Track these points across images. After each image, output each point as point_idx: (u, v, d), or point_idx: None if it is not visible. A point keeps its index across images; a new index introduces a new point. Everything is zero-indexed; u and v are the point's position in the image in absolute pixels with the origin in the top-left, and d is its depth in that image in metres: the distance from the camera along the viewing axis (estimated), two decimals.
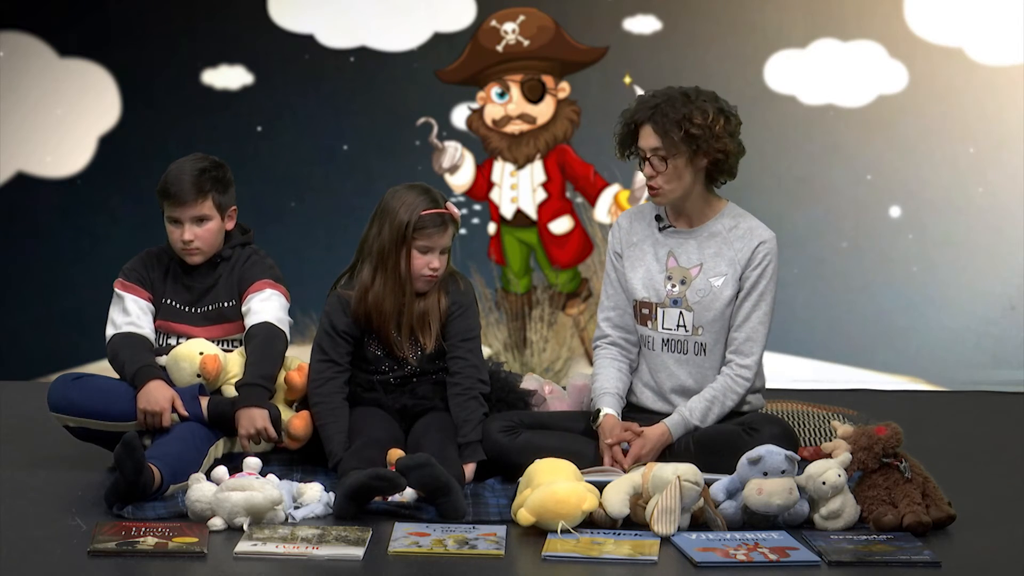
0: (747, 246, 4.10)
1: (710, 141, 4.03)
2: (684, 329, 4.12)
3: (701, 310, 4.10)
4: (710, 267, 4.11)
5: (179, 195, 4.25)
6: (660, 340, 4.16)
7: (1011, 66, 6.33)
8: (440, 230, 4.17)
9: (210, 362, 4.20)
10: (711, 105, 4.05)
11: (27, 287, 6.56)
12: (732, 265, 4.10)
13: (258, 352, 4.21)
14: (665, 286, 4.14)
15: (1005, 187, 6.33)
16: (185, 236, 4.27)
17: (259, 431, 4.10)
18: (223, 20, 6.56)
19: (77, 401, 4.18)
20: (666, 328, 4.14)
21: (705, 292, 4.10)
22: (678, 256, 4.14)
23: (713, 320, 4.10)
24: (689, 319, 4.11)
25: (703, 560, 3.41)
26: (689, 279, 4.11)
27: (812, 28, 6.40)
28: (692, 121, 4.01)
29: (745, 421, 4.04)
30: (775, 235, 4.14)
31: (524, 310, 6.51)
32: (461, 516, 3.76)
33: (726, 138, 4.05)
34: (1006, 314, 6.31)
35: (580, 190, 6.48)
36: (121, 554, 3.43)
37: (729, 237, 4.12)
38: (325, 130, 6.53)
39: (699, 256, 4.13)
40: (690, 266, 4.13)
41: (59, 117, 6.58)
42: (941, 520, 3.69)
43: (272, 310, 4.27)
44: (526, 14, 6.46)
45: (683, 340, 4.13)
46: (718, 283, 4.10)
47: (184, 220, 4.27)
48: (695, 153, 4.04)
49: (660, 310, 4.15)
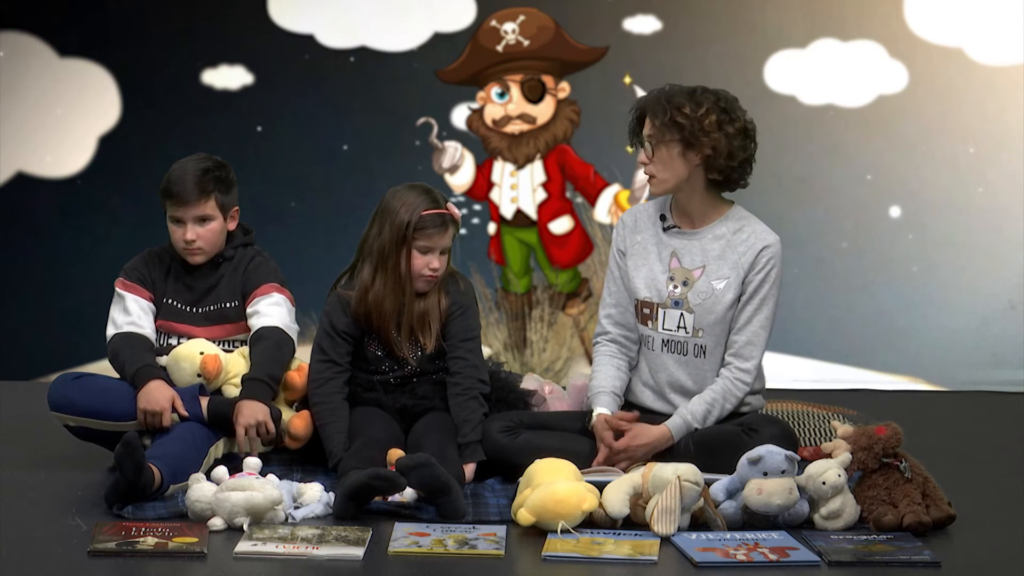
0: (751, 250, 4.09)
1: (697, 133, 4.02)
2: (684, 331, 4.12)
3: (702, 312, 4.10)
4: (713, 269, 4.11)
5: (182, 195, 4.25)
6: (660, 340, 4.16)
7: (1011, 66, 6.33)
8: (440, 230, 4.17)
9: (211, 362, 4.20)
10: (709, 101, 4.05)
11: (27, 287, 6.56)
12: (735, 269, 4.10)
13: (266, 354, 4.21)
14: (667, 287, 4.14)
15: (1005, 187, 6.33)
16: (188, 236, 4.26)
17: (259, 423, 4.09)
18: (223, 20, 6.56)
19: (77, 400, 4.18)
20: (666, 329, 4.14)
21: (707, 295, 4.09)
22: (681, 257, 4.14)
23: (714, 323, 4.10)
24: (690, 321, 4.11)
25: (703, 560, 3.41)
26: (692, 281, 4.11)
27: (812, 28, 6.40)
28: (680, 110, 4.03)
29: (744, 422, 4.04)
30: (779, 239, 4.14)
31: (524, 310, 6.51)
32: (461, 516, 3.76)
33: (716, 134, 4.03)
34: (1006, 314, 6.31)
35: (580, 190, 6.48)
36: (121, 554, 3.42)
37: (733, 240, 4.11)
38: (325, 130, 6.53)
39: (702, 258, 4.12)
40: (693, 268, 4.12)
41: (59, 117, 6.58)
42: (941, 520, 3.69)
43: (281, 315, 4.28)
44: (526, 14, 6.46)
45: (683, 341, 4.13)
46: (720, 286, 4.09)
47: (187, 220, 4.26)
48: (687, 146, 4.04)
49: (661, 311, 4.14)
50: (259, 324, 4.26)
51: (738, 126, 4.07)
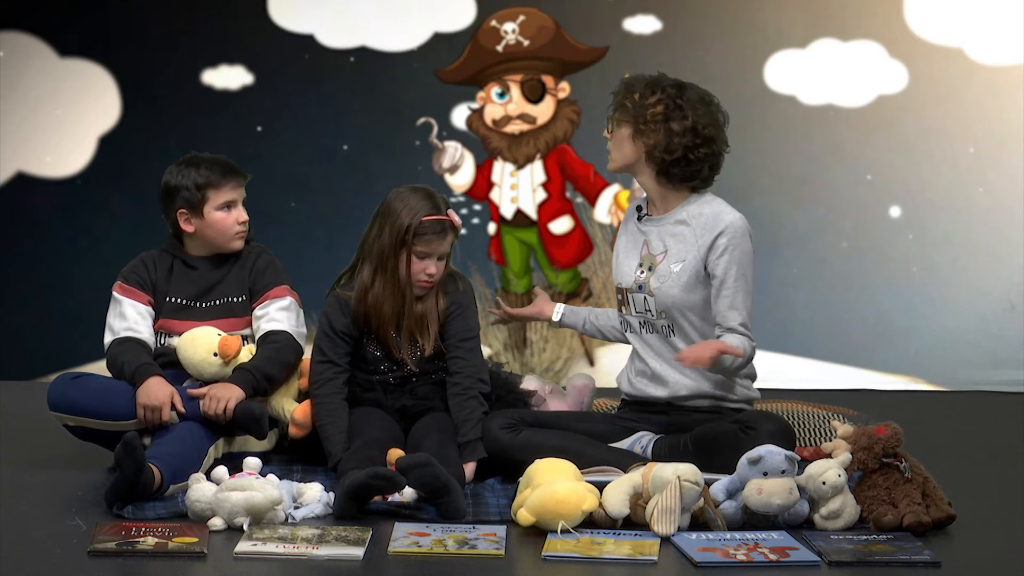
0: (708, 231, 4.12)
1: (638, 120, 4.11)
2: (651, 313, 4.18)
3: (660, 295, 4.15)
4: (673, 253, 4.17)
5: (233, 172, 4.30)
6: (637, 323, 4.23)
7: (1011, 66, 6.33)
8: (439, 237, 4.17)
9: (232, 341, 4.22)
10: (665, 94, 4.11)
11: (27, 287, 6.56)
12: (693, 249, 4.12)
13: (268, 353, 4.24)
14: (635, 272, 4.21)
15: (1005, 187, 6.33)
16: (243, 216, 4.31)
17: (223, 409, 4.09)
18: (223, 20, 6.56)
19: (77, 400, 4.18)
20: (637, 312, 4.21)
21: (665, 277, 4.15)
22: (651, 244, 4.21)
23: (672, 305, 4.14)
24: (652, 304, 4.17)
25: (703, 560, 3.41)
26: (655, 265, 4.17)
27: (812, 28, 6.40)
28: (631, 94, 4.15)
29: (742, 419, 4.04)
30: (742, 216, 4.14)
31: None
32: (461, 516, 3.76)
33: (656, 126, 4.08)
34: (1006, 314, 6.31)
35: (580, 190, 6.48)
36: (121, 554, 3.43)
37: (694, 224, 4.15)
38: (325, 130, 6.53)
39: (664, 244, 4.18)
40: (657, 253, 4.18)
41: (59, 117, 6.58)
42: (941, 520, 3.69)
43: (292, 321, 4.32)
44: (526, 14, 6.46)
45: (654, 322, 4.20)
46: (676, 268, 4.14)
47: (238, 200, 4.31)
48: (636, 132, 4.12)
49: (630, 295, 4.23)
50: (268, 328, 4.28)
51: (686, 124, 4.08)
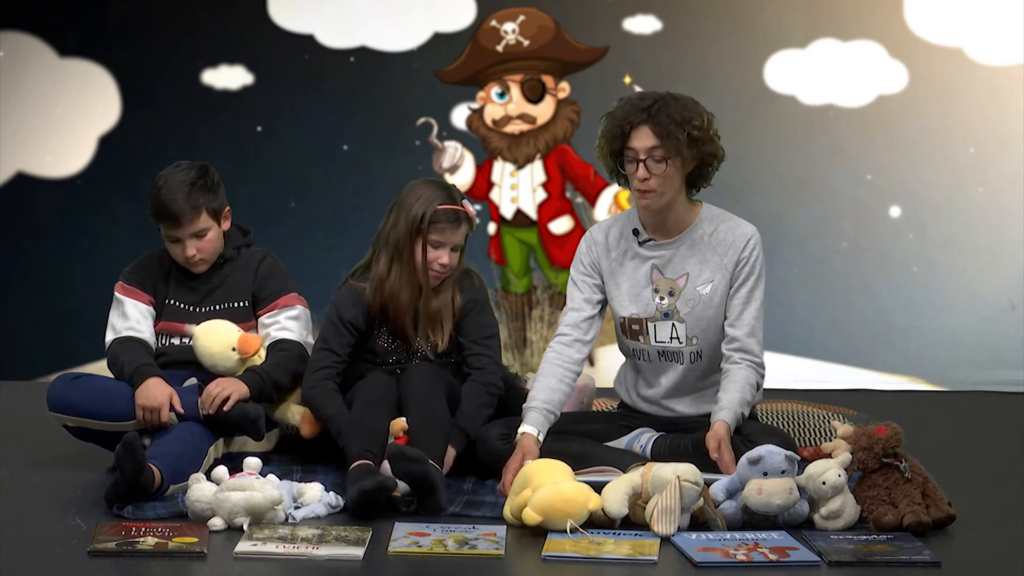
0: (732, 247, 4.07)
1: (706, 144, 4.00)
2: (678, 340, 4.10)
3: (693, 321, 4.07)
4: (696, 275, 4.08)
5: (176, 216, 4.22)
6: (656, 352, 4.14)
7: (1011, 66, 6.34)
8: (453, 226, 4.17)
9: (254, 340, 4.24)
10: (700, 108, 4.04)
11: (27, 287, 6.57)
12: (719, 270, 4.07)
13: (278, 359, 4.25)
14: (653, 299, 4.12)
15: (1005, 187, 6.34)
16: (188, 252, 4.26)
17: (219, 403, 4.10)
18: (223, 20, 6.56)
19: (76, 401, 4.18)
20: (659, 341, 4.12)
21: (695, 301, 4.07)
22: (663, 268, 4.11)
23: (707, 328, 4.08)
24: (682, 331, 4.09)
25: (703, 560, 3.41)
26: (677, 290, 4.08)
27: (812, 28, 6.40)
28: (693, 123, 3.97)
29: (743, 432, 4.01)
30: (755, 228, 4.11)
31: (524, 310, 6.51)
32: (440, 512, 3.78)
33: (718, 142, 4.05)
34: (1006, 314, 6.31)
35: (580, 190, 6.48)
36: (121, 554, 3.42)
37: (712, 242, 4.08)
38: (325, 130, 6.53)
39: (683, 266, 4.10)
40: (676, 277, 4.10)
41: (59, 117, 6.58)
42: (941, 520, 3.69)
43: (301, 331, 4.32)
44: (526, 14, 6.46)
45: (678, 351, 4.11)
46: (706, 291, 4.07)
47: (184, 238, 4.26)
48: (690, 156, 4.00)
49: (651, 324, 4.11)
50: (279, 336, 4.30)
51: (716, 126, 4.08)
